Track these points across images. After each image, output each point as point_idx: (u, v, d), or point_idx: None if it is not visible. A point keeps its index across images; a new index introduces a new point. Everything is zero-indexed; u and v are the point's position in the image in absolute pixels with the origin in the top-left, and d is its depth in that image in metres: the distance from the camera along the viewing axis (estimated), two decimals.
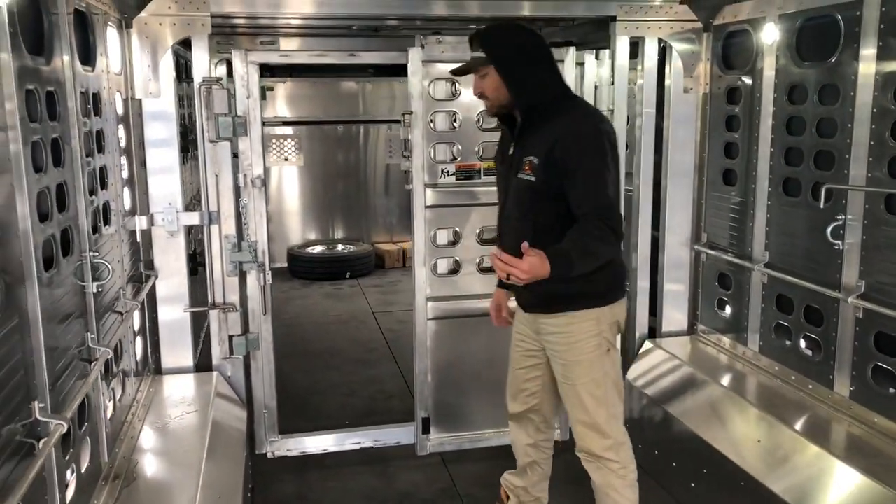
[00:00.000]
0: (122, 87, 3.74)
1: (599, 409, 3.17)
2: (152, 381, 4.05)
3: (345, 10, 4.06)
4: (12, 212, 2.09)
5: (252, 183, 4.13)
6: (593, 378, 3.16)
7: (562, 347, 3.18)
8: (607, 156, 2.96)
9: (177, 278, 4.11)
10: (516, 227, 3.19)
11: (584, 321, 3.12)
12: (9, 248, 2.08)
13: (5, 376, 1.97)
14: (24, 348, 2.14)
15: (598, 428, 3.19)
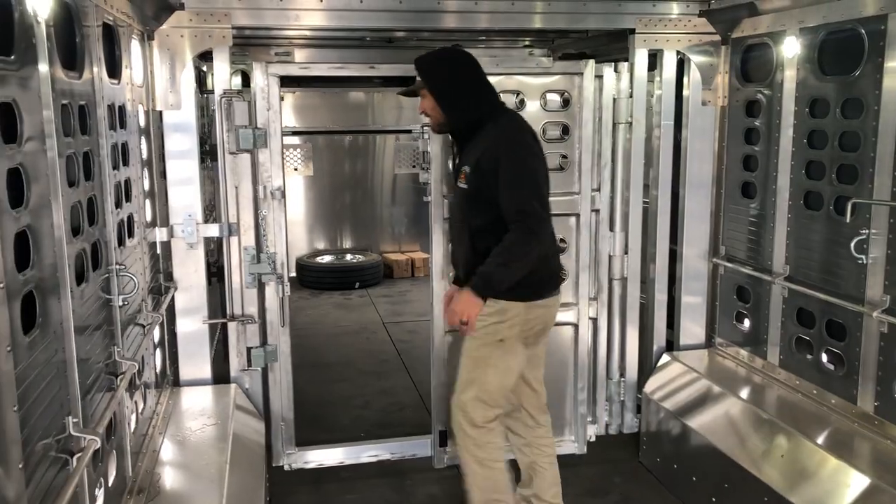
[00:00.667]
0: (143, 100, 3.74)
1: (470, 388, 3.43)
2: (171, 393, 4.04)
3: (360, 23, 4.06)
4: (48, 225, 2.09)
5: (272, 195, 4.13)
6: (475, 357, 3.44)
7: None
8: (525, 161, 3.27)
9: (196, 290, 4.11)
10: (458, 230, 3.59)
11: (493, 306, 3.35)
12: (44, 262, 2.07)
13: (43, 391, 1.97)
14: (58, 363, 2.13)
15: (462, 404, 3.46)
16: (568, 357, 4.61)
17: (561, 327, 4.56)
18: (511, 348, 3.44)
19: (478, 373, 3.45)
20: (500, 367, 3.45)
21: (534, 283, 3.40)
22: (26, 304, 1.87)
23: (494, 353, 3.43)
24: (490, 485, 3.52)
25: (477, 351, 3.45)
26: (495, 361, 3.44)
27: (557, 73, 4.33)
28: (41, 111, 2.03)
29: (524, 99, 4.31)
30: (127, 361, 2.81)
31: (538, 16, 4.31)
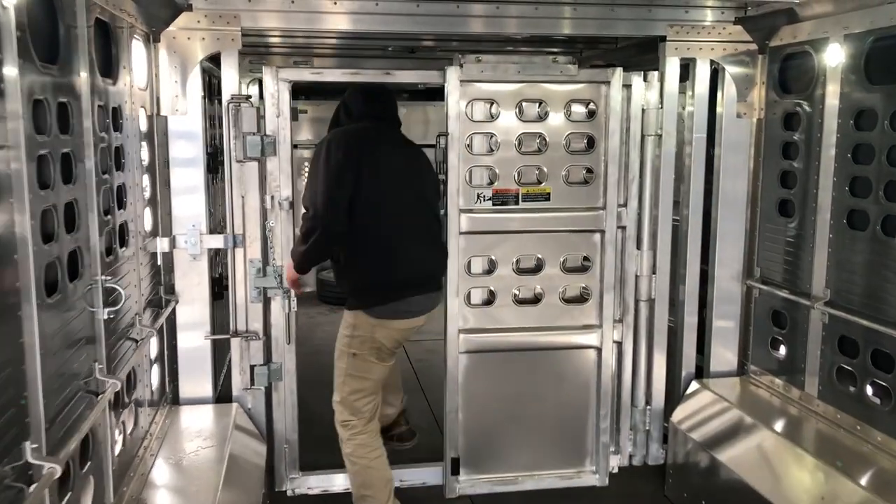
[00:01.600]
0: (147, 103, 3.58)
1: (336, 392, 3.77)
2: (169, 411, 3.84)
3: (380, 26, 3.88)
4: (11, 232, 1.90)
5: (279, 205, 3.93)
6: (337, 366, 3.76)
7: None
8: (319, 171, 3.52)
9: (198, 304, 3.92)
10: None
11: (347, 318, 3.72)
12: (5, 272, 1.88)
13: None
14: (18, 382, 1.93)
15: (335, 403, 3.79)
16: (590, 382, 4.34)
17: (583, 351, 4.31)
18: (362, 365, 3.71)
19: (339, 380, 3.75)
20: (356, 378, 3.72)
21: (371, 297, 3.66)
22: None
23: (348, 363, 3.73)
24: (360, 480, 3.81)
25: (340, 359, 3.76)
26: (350, 371, 3.72)
27: (583, 82, 4.10)
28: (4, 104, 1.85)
29: (548, 109, 4.08)
30: (110, 380, 2.61)
31: (566, 21, 4.10)
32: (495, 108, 4.05)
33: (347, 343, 3.69)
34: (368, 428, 3.78)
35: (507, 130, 4.08)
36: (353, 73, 4.00)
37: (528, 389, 4.29)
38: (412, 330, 3.79)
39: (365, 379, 3.72)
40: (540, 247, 4.20)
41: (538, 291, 4.24)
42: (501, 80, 4.01)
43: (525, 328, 4.24)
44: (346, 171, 3.49)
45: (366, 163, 3.53)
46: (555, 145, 4.12)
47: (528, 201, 4.14)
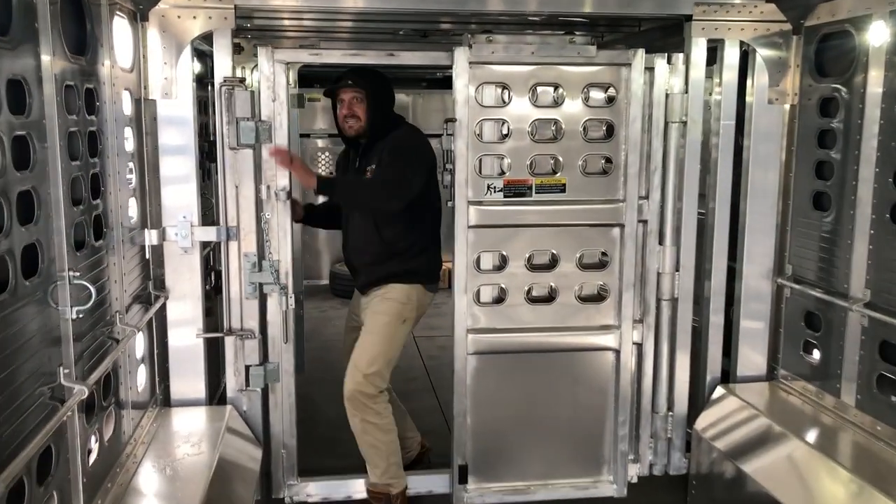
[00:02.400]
0: (133, 86, 3.35)
1: (369, 365, 3.83)
2: (158, 414, 3.63)
3: (381, 4, 3.61)
4: None
5: (276, 196, 3.69)
6: (376, 338, 3.87)
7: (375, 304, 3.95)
8: (414, 164, 3.81)
9: (190, 300, 3.70)
10: (359, 225, 3.97)
11: (401, 291, 3.92)
12: None
13: None
14: None
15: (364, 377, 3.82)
16: (608, 387, 4.07)
17: (600, 353, 4.04)
18: (407, 328, 3.98)
19: (383, 348, 3.86)
20: (398, 344, 3.93)
21: (429, 271, 4.05)
22: None
23: (397, 334, 3.92)
24: (394, 448, 3.93)
25: (386, 328, 3.88)
26: (395, 341, 3.92)
27: (602, 64, 3.81)
28: None
29: (564, 94, 3.80)
30: (76, 386, 2.39)
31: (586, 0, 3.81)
32: (507, 92, 3.78)
33: (399, 312, 3.90)
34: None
35: (519, 117, 3.81)
36: (353, 55, 3.75)
37: (542, 393, 4.03)
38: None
39: (401, 346, 3.96)
40: (554, 241, 3.93)
41: (552, 289, 3.97)
42: (514, 63, 3.74)
43: (538, 328, 3.98)
44: (427, 169, 3.88)
45: (434, 163, 3.94)
46: (571, 133, 3.84)
47: (542, 193, 3.87)
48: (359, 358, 3.86)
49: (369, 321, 3.93)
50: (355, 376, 3.82)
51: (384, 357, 3.86)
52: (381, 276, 3.94)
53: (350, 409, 3.85)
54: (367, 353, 3.85)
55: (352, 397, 3.83)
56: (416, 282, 3.95)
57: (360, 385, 3.81)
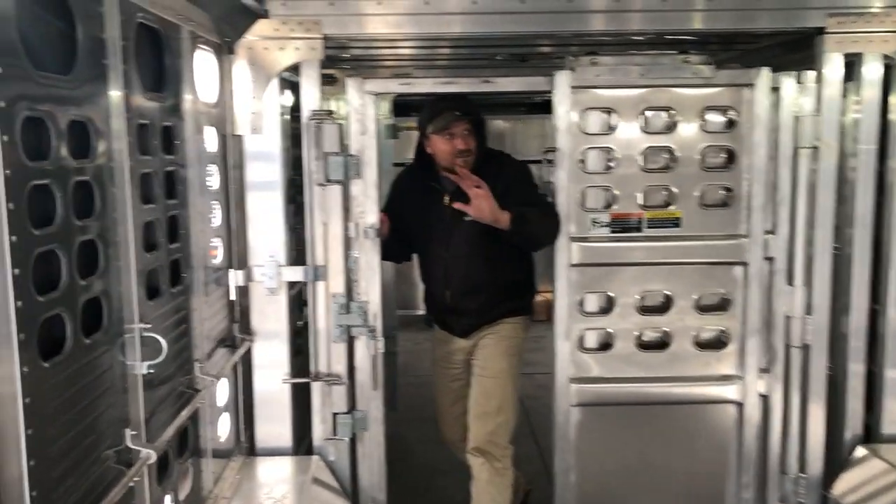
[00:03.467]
0: (217, 121, 3.21)
1: (502, 412, 3.66)
2: (243, 464, 3.45)
3: (476, 27, 3.37)
4: None
5: (364, 233, 3.48)
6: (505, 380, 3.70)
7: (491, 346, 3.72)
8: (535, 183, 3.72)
9: (276, 342, 3.52)
10: (467, 265, 3.69)
11: (517, 324, 3.77)
12: None
13: None
14: None
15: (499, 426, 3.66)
16: (729, 443, 3.64)
17: (720, 406, 3.63)
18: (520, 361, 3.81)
19: (509, 392, 3.69)
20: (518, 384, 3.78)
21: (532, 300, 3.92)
22: None
23: (517, 373, 3.74)
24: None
25: (510, 370, 3.70)
26: (517, 381, 3.75)
27: (721, 85, 3.44)
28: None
29: (677, 118, 3.44)
30: (143, 450, 2.20)
31: (697, 15, 3.45)
32: (614, 118, 3.45)
33: (517, 349, 3.76)
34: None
35: (627, 144, 3.47)
36: (445, 83, 3.52)
37: (655, 450, 3.65)
38: None
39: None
40: (668, 281, 3.56)
41: (666, 334, 3.59)
42: (621, 86, 3.42)
43: (650, 378, 3.60)
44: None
45: None
46: (686, 161, 3.48)
47: (654, 227, 3.52)
48: (486, 405, 3.66)
49: (489, 364, 3.70)
50: (487, 425, 3.64)
51: (511, 400, 3.69)
52: (496, 316, 3.73)
53: (478, 462, 3.65)
54: (495, 399, 3.66)
55: (484, 448, 3.63)
56: (526, 314, 3.82)
57: (492, 435, 3.64)
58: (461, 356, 3.83)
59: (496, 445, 3.64)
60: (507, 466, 3.68)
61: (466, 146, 3.56)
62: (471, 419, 3.72)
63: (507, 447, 3.69)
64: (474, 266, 3.66)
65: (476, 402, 3.70)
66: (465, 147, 3.56)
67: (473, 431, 3.68)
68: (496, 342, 3.69)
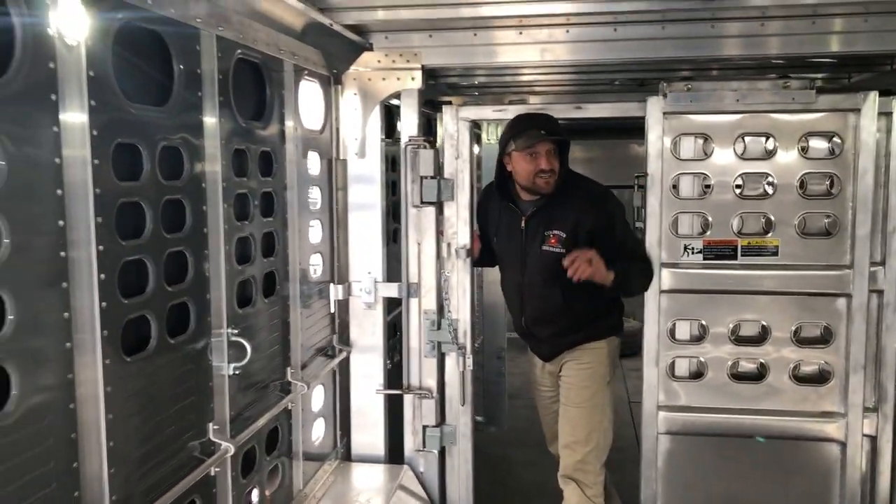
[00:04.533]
0: (323, 146, 3.47)
1: (588, 441, 3.57)
2: (337, 467, 3.66)
3: (568, 55, 3.43)
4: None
5: (456, 254, 3.62)
6: (592, 411, 3.60)
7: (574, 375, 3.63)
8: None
9: (372, 355, 3.73)
10: (542, 294, 3.57)
11: (601, 348, 3.61)
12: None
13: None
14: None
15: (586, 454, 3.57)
16: (830, 485, 3.47)
17: (821, 444, 3.47)
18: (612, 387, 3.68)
19: (596, 419, 3.58)
20: (610, 409, 3.65)
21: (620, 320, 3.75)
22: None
23: (607, 397, 3.62)
24: None
25: (594, 398, 3.58)
26: (607, 406, 3.63)
27: (823, 110, 3.32)
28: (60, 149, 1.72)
29: (776, 144, 3.36)
30: (224, 443, 2.44)
31: (835, 38, 3.28)
32: (708, 143, 3.41)
33: (602, 376, 3.60)
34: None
35: (723, 170, 3.42)
36: (539, 110, 3.59)
37: (748, 486, 3.54)
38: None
39: (612, 409, 3.68)
40: (764, 311, 3.45)
41: (762, 366, 3.47)
42: (715, 112, 3.38)
43: (744, 409, 3.50)
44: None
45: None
46: (785, 188, 3.38)
47: (749, 255, 3.43)
48: (574, 434, 3.59)
49: (573, 394, 3.61)
50: (575, 454, 3.57)
51: (600, 428, 3.58)
52: (573, 343, 3.61)
53: (569, 488, 3.59)
54: (582, 429, 3.58)
55: (573, 476, 3.58)
56: (609, 336, 3.64)
57: (581, 463, 3.56)
58: (550, 379, 3.76)
59: (585, 473, 3.56)
60: (597, 493, 3.58)
61: (550, 166, 3.39)
62: (560, 447, 3.66)
63: (599, 473, 3.58)
64: (549, 296, 3.51)
65: (563, 431, 3.62)
66: (549, 167, 3.39)
67: (563, 459, 3.62)
68: (577, 371, 3.59)
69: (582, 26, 3.36)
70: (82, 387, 1.81)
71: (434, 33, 3.49)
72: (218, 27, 2.42)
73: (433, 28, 3.45)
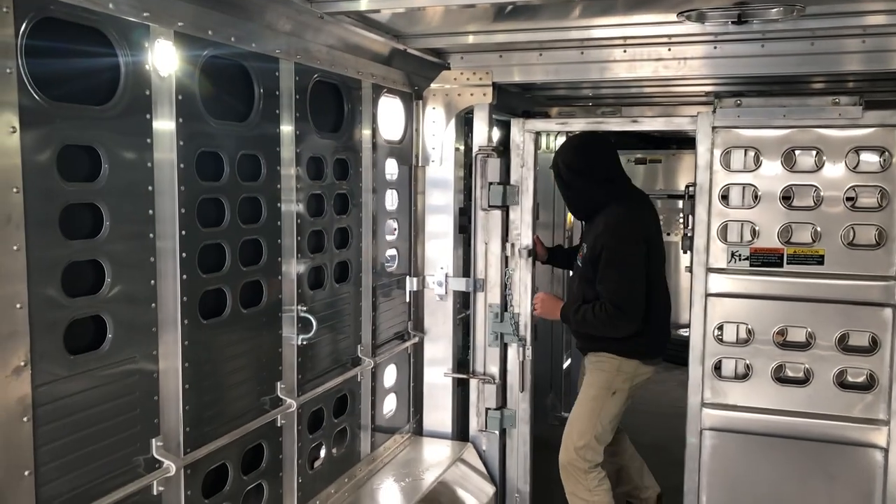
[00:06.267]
0: (402, 154, 3.94)
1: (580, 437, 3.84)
2: (409, 440, 4.12)
3: (611, 73, 3.72)
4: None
5: (519, 253, 3.99)
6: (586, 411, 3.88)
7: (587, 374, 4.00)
8: (622, 253, 3.73)
9: (443, 342, 4.16)
10: (575, 295, 4.07)
11: (610, 362, 3.87)
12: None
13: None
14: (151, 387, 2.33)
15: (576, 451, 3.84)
16: (873, 491, 3.54)
17: (863, 449, 3.56)
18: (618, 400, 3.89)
19: (592, 418, 3.85)
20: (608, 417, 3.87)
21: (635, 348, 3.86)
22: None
23: (606, 406, 3.86)
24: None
25: (594, 401, 3.87)
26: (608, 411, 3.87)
27: (870, 126, 3.43)
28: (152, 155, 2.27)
29: (823, 158, 3.49)
30: (288, 399, 2.95)
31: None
32: (757, 156, 3.59)
33: (609, 383, 3.86)
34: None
35: (770, 181, 3.58)
36: (598, 122, 3.91)
37: (789, 485, 3.67)
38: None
39: (612, 418, 3.90)
40: (809, 318, 3.59)
41: (807, 370, 3.61)
42: (764, 126, 3.56)
43: (787, 411, 3.64)
44: (643, 255, 3.79)
45: (650, 244, 3.86)
46: (831, 200, 3.50)
47: (795, 263, 3.58)
48: (570, 429, 3.90)
49: (581, 391, 3.99)
50: (568, 448, 3.88)
51: (593, 431, 3.83)
52: (595, 347, 3.95)
53: (563, 478, 3.91)
54: (577, 425, 3.88)
55: (563, 468, 3.90)
56: (631, 357, 3.86)
57: (571, 459, 3.85)
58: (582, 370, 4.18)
59: (576, 468, 3.84)
60: (589, 487, 3.84)
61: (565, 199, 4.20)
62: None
63: (589, 470, 3.83)
64: (578, 298, 3.96)
65: (566, 425, 3.97)
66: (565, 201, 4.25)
67: (560, 452, 3.93)
68: (591, 370, 3.93)
69: (637, 47, 3.66)
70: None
71: (504, 53, 3.88)
72: (296, 56, 2.94)
73: (503, 49, 3.84)
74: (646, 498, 4.30)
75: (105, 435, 2.14)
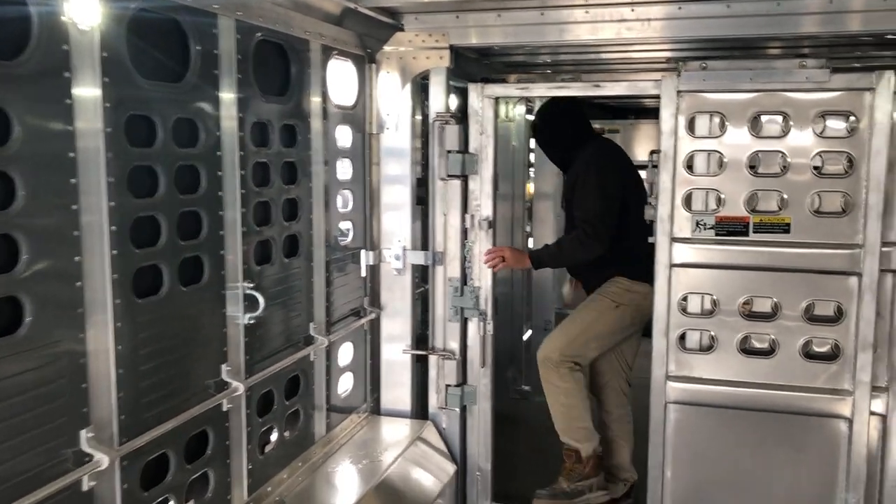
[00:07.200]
0: (355, 122, 3.74)
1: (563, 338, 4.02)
2: (366, 419, 3.97)
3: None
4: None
5: (479, 225, 3.84)
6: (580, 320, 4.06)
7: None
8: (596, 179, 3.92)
9: (400, 317, 4.00)
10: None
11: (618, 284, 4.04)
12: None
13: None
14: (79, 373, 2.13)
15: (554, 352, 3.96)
16: (837, 461, 3.49)
17: (828, 420, 3.50)
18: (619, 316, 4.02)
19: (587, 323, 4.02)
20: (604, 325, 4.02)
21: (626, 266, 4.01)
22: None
23: (600, 317, 4.01)
24: (576, 413, 3.99)
25: (594, 303, 4.07)
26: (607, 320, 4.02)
27: (838, 90, 3.32)
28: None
29: (790, 123, 3.39)
30: (234, 382, 2.77)
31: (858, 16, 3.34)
32: (722, 122, 3.48)
33: (613, 296, 4.01)
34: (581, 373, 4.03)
35: (736, 148, 3.47)
36: (559, 87, 3.76)
37: (754, 457, 3.60)
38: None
39: (607, 330, 4.03)
40: (774, 288, 3.50)
41: (772, 342, 3.53)
42: (730, 90, 3.44)
43: (752, 383, 3.57)
44: (618, 190, 3.95)
45: (626, 187, 4.02)
46: (798, 167, 3.40)
47: (761, 232, 3.48)
48: (561, 327, 4.13)
49: (584, 302, 4.16)
50: (550, 342, 4.03)
51: (585, 334, 3.99)
52: (606, 275, 4.07)
53: (540, 371, 4.03)
54: (569, 325, 4.08)
55: (541, 361, 4.01)
56: (643, 280, 3.88)
57: (550, 351, 3.96)
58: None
59: (551, 360, 3.96)
60: (561, 375, 3.94)
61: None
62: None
63: (562, 363, 3.94)
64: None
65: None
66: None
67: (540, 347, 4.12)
68: (599, 291, 4.09)
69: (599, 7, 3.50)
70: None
71: (461, 14, 3.69)
72: (237, 12, 2.72)
73: (459, 10, 3.65)
74: (623, 479, 4.24)
75: (24, 428, 1.95)
